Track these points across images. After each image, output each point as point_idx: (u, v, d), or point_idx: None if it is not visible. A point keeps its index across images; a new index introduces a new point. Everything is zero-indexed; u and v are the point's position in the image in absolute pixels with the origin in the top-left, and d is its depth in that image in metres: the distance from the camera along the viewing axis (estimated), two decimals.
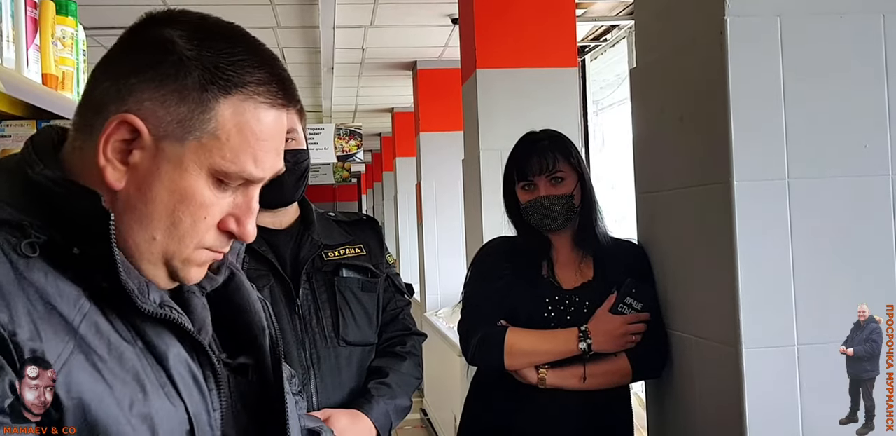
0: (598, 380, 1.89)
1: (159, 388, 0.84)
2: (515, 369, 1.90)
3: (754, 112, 1.54)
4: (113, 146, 0.84)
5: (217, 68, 0.84)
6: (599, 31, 5.36)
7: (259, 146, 0.86)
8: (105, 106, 0.85)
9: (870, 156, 1.56)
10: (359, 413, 1.69)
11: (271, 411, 1.00)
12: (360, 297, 1.82)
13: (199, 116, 0.84)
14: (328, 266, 1.80)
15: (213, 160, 0.85)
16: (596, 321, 1.89)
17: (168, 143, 0.84)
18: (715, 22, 1.56)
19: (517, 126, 3.57)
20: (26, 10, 1.62)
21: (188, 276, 0.89)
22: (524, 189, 2.00)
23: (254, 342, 1.01)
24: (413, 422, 6.50)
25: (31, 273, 0.78)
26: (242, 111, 0.85)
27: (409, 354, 1.88)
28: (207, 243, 0.88)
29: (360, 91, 8.05)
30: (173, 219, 0.85)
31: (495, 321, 1.93)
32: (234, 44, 0.87)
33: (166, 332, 0.88)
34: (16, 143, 1.79)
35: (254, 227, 0.91)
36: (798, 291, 1.53)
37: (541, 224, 1.98)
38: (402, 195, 8.43)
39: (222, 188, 0.87)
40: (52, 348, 0.76)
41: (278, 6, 4.88)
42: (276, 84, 0.88)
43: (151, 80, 0.83)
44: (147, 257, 0.86)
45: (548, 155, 1.97)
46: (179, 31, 0.85)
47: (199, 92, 0.83)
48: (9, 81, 1.42)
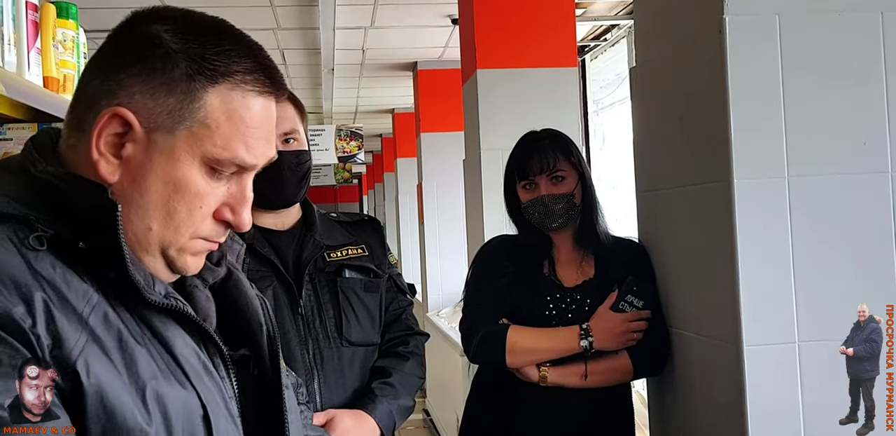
0: (600, 378, 1.90)
1: (170, 375, 0.85)
2: (517, 367, 1.90)
3: (754, 110, 1.55)
4: (105, 140, 0.85)
5: (203, 59, 0.86)
6: (599, 30, 5.36)
7: (249, 133, 0.88)
8: (96, 102, 0.86)
9: (869, 153, 1.56)
10: (363, 413, 1.70)
11: (269, 405, 1.01)
12: (363, 297, 1.82)
13: (187, 106, 0.85)
14: (331, 267, 1.80)
15: (205, 148, 0.86)
16: (597, 319, 1.89)
17: (160, 134, 0.85)
18: (714, 21, 1.57)
19: (518, 126, 3.57)
20: (27, 13, 1.63)
21: (185, 266, 0.91)
22: (525, 188, 2.01)
23: (252, 337, 1.02)
24: (415, 422, 6.50)
25: (41, 266, 0.79)
26: (231, 99, 0.87)
27: (412, 354, 1.88)
28: (203, 233, 0.89)
29: (361, 92, 8.06)
30: (168, 209, 0.86)
31: (497, 320, 1.93)
32: (219, 36, 0.88)
33: (172, 322, 0.89)
34: (17, 145, 1.79)
35: (249, 216, 0.92)
36: (798, 289, 1.53)
37: (542, 223, 1.99)
38: (403, 196, 8.44)
39: (216, 177, 0.88)
40: (70, 338, 0.77)
41: (278, 8, 4.89)
42: (263, 72, 0.89)
43: (140, 74, 0.85)
44: (145, 248, 0.88)
45: (548, 154, 1.97)
46: (165, 26, 0.87)
47: (186, 83, 0.85)
48: (10, 84, 1.43)
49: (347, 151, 8.97)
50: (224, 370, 0.94)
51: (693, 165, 1.72)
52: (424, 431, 6.29)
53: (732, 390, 1.55)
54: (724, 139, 1.55)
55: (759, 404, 1.52)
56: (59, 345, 0.76)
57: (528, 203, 1.99)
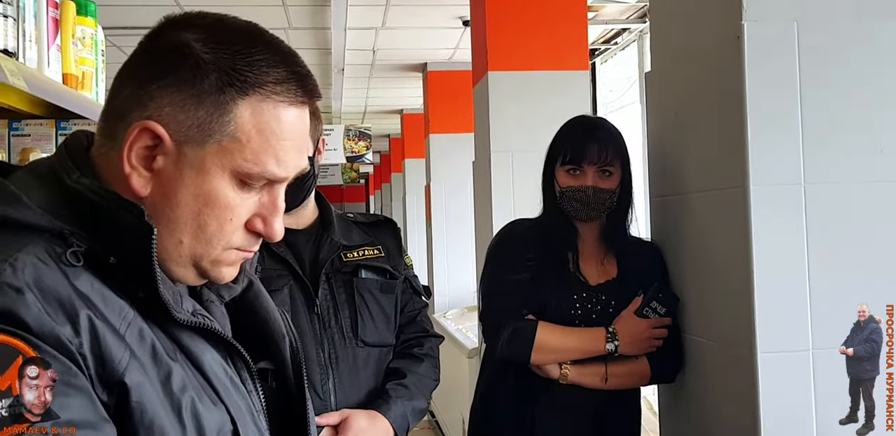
0: (619, 381, 1.90)
1: (201, 391, 0.84)
2: (541, 364, 1.89)
3: (770, 117, 1.55)
4: (137, 153, 0.84)
5: (234, 70, 0.84)
6: (610, 34, 5.36)
7: (280, 146, 0.86)
8: (127, 113, 0.85)
9: (886, 161, 1.56)
10: (377, 414, 1.70)
11: (292, 418, 1.01)
12: (379, 298, 1.82)
13: (217, 119, 0.84)
14: (347, 267, 1.80)
15: (235, 162, 0.85)
16: (623, 323, 1.88)
17: (189, 147, 0.84)
18: (732, 27, 1.57)
19: (528, 129, 3.59)
20: (48, 10, 1.63)
21: (219, 275, 0.90)
22: (570, 173, 1.94)
23: (274, 349, 1.02)
24: (421, 423, 6.49)
25: (81, 283, 0.79)
26: (261, 111, 0.85)
27: (427, 356, 1.88)
28: (235, 244, 0.88)
29: (370, 92, 8.07)
30: (199, 222, 0.85)
31: (523, 314, 1.91)
32: (251, 44, 0.86)
33: (199, 338, 0.88)
34: (35, 142, 1.80)
35: (281, 226, 0.91)
36: (813, 296, 1.53)
37: (577, 212, 1.94)
38: (410, 197, 8.44)
39: (246, 189, 0.87)
40: (115, 355, 0.77)
41: (290, 7, 4.89)
42: (295, 81, 0.87)
43: (170, 86, 0.84)
44: (175, 260, 0.87)
45: (608, 147, 1.92)
46: (196, 34, 0.85)
47: (216, 95, 0.83)
48: (31, 81, 1.43)
49: (356, 151, 8.97)
50: (252, 384, 0.94)
51: (708, 172, 1.72)
52: (429, 432, 6.28)
53: (746, 397, 1.55)
54: (740, 145, 1.55)
55: (772, 411, 1.52)
56: (104, 363, 0.76)
57: (568, 189, 1.93)
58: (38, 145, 1.78)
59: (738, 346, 1.58)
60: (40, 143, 1.79)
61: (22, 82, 1.38)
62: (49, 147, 1.79)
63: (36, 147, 1.76)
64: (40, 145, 1.78)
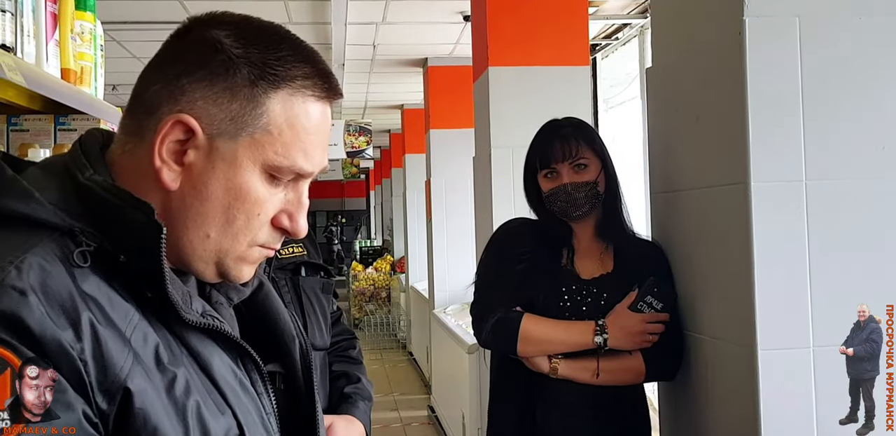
0: (611, 376, 1.88)
1: (206, 395, 0.84)
2: (528, 356, 1.88)
3: (772, 113, 1.54)
4: (168, 147, 0.84)
5: (265, 64, 0.85)
6: (611, 29, 5.35)
7: (308, 140, 0.88)
8: (158, 108, 0.85)
9: (887, 158, 1.55)
10: (352, 418, 1.74)
11: (302, 420, 1.01)
12: (321, 299, 1.82)
13: (250, 112, 0.85)
14: (290, 265, 1.79)
15: (266, 155, 0.86)
16: (614, 317, 1.87)
17: (222, 140, 0.85)
18: (734, 23, 1.56)
19: (529, 124, 3.56)
20: (46, 5, 1.62)
21: (239, 274, 0.90)
22: (547, 177, 1.96)
23: (284, 352, 1.02)
24: (420, 419, 6.51)
25: (87, 284, 0.78)
26: (292, 105, 0.86)
27: (360, 357, 1.94)
28: (261, 240, 0.89)
29: (371, 87, 8.06)
30: (228, 216, 0.86)
31: (511, 305, 1.91)
32: (278, 41, 0.88)
33: (208, 340, 0.88)
34: (34, 137, 1.79)
35: (305, 222, 0.92)
36: (814, 293, 1.53)
37: (565, 212, 1.95)
38: (410, 192, 8.43)
39: (275, 184, 0.88)
40: (118, 360, 0.76)
41: (291, 2, 4.88)
42: (320, 78, 0.89)
43: (202, 80, 0.85)
44: (200, 255, 0.87)
45: (571, 141, 1.93)
46: (225, 31, 0.87)
47: (249, 88, 0.85)
48: (29, 76, 1.42)
49: (356, 146, 8.97)
50: (262, 386, 0.94)
51: (709, 168, 1.71)
52: (429, 427, 6.29)
53: (746, 395, 1.55)
54: (741, 142, 1.55)
55: (773, 408, 1.51)
56: (106, 369, 0.75)
57: (549, 192, 1.95)
58: (37, 141, 1.77)
59: (739, 342, 1.58)
60: (39, 138, 1.78)
61: (20, 77, 1.37)
62: (48, 142, 1.78)
63: (34, 142, 1.76)
64: (39, 141, 1.77)
